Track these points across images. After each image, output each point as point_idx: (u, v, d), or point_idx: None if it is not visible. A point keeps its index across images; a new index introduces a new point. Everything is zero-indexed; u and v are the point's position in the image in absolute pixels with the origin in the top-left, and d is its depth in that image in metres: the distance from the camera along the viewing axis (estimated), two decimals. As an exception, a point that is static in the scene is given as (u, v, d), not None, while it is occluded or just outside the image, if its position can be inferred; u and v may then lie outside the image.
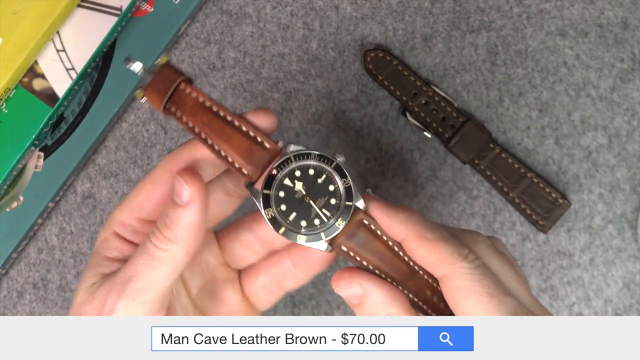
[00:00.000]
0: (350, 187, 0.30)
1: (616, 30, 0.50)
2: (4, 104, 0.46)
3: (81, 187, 0.49)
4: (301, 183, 0.30)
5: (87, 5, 0.47)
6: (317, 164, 0.30)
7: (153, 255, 0.29)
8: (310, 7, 0.51)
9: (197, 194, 0.28)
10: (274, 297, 0.35)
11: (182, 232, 0.28)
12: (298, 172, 0.30)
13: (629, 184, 0.49)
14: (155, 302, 0.29)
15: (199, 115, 0.30)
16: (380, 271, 0.31)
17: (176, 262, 0.29)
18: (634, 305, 0.48)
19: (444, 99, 0.49)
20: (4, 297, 0.49)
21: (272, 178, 0.30)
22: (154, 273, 0.28)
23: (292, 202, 0.30)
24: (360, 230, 0.30)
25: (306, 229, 0.30)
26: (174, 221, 0.28)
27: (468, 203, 0.49)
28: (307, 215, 0.30)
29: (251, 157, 0.30)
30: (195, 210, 0.28)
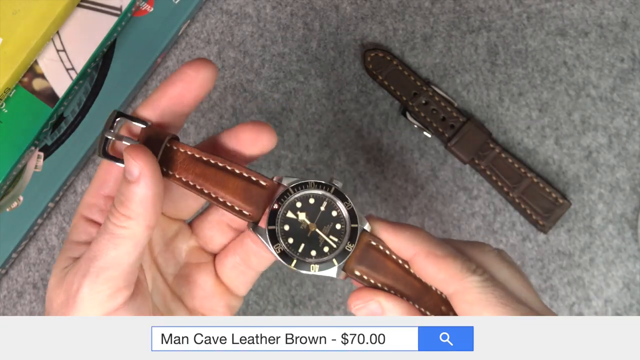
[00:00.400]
0: (352, 210, 0.30)
1: (616, 30, 0.50)
2: (4, 104, 0.46)
3: (81, 187, 0.49)
4: (304, 213, 0.30)
5: (87, 5, 0.47)
6: (317, 192, 0.30)
7: (113, 233, 0.29)
8: (310, 7, 0.50)
9: (146, 168, 0.28)
10: (247, 278, 0.35)
11: (138, 208, 0.29)
12: (299, 203, 0.30)
13: (629, 184, 0.49)
14: (119, 279, 0.29)
15: (191, 169, 0.30)
16: (395, 291, 0.31)
17: (137, 237, 0.29)
18: (634, 305, 0.48)
19: (444, 99, 0.49)
20: (4, 297, 0.49)
21: (275, 213, 0.30)
22: (116, 250, 0.29)
23: (299, 234, 0.30)
24: (369, 252, 0.31)
25: (317, 257, 0.30)
26: (129, 198, 0.29)
27: (468, 203, 0.49)
28: (315, 245, 0.30)
29: (249, 197, 0.30)
30: (147, 184, 0.28)
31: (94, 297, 0.29)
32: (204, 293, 0.35)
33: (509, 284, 0.30)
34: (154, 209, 0.29)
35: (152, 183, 0.29)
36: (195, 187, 0.30)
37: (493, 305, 0.28)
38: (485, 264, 0.31)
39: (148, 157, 0.29)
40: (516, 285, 0.30)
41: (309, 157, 0.49)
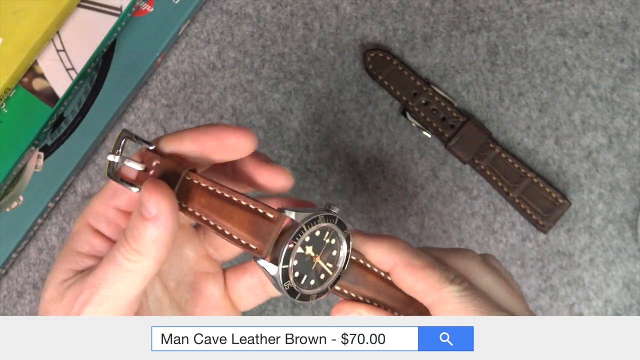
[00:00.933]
0: (349, 236, 0.30)
1: (616, 30, 0.50)
2: (4, 104, 0.46)
3: (81, 187, 0.49)
4: (311, 247, 0.30)
5: (87, 5, 0.47)
6: (325, 225, 0.30)
7: (122, 265, 0.28)
8: (310, 7, 0.50)
9: (165, 209, 0.27)
10: (258, 299, 0.35)
11: (151, 246, 0.28)
12: (308, 237, 0.29)
13: (629, 184, 0.49)
14: (123, 309, 0.29)
15: (196, 199, 0.29)
16: (378, 303, 0.31)
17: (145, 271, 0.28)
18: (634, 305, 0.48)
19: (444, 99, 0.49)
20: (4, 297, 0.49)
21: (289, 252, 0.29)
22: (123, 283, 0.28)
23: (304, 267, 0.30)
24: (350, 267, 0.31)
25: (314, 287, 0.30)
26: (142, 234, 0.28)
27: (468, 203, 0.49)
28: (313, 273, 0.30)
29: (257, 231, 0.29)
30: (164, 224, 0.27)
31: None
32: (208, 304, 0.34)
33: (492, 291, 0.30)
34: (166, 247, 0.28)
35: (169, 224, 0.28)
36: (202, 218, 0.29)
37: (472, 314, 0.28)
38: (468, 271, 0.30)
39: (167, 196, 0.27)
40: (499, 293, 0.30)
41: (309, 157, 0.49)
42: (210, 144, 0.29)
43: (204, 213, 0.29)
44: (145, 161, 0.29)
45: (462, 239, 0.49)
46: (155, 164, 0.29)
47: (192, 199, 0.29)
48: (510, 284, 0.31)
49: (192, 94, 0.50)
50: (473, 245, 0.49)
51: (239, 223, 0.29)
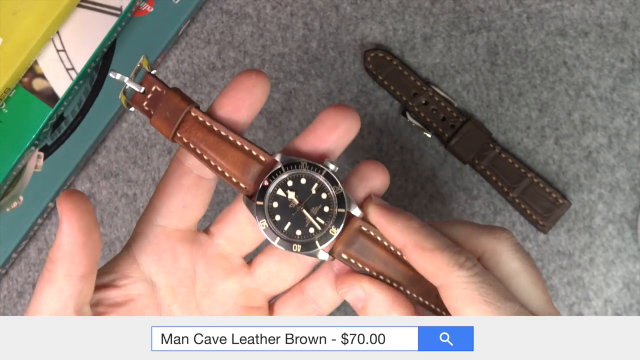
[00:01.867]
0: (342, 194, 0.30)
1: (616, 30, 0.50)
2: (4, 104, 0.46)
3: (81, 187, 0.49)
4: (294, 192, 0.30)
5: (87, 5, 0.47)
6: (308, 173, 0.30)
7: (42, 275, 0.28)
8: (310, 7, 0.51)
9: (70, 217, 0.27)
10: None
11: (57, 254, 0.28)
12: (290, 182, 0.30)
13: (629, 184, 0.49)
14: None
15: (193, 132, 0.30)
16: (384, 277, 0.31)
17: (59, 284, 0.28)
18: (634, 305, 0.48)
19: (444, 99, 0.49)
20: (4, 297, 0.49)
21: (264, 189, 0.30)
22: (42, 295, 0.28)
23: (286, 212, 0.30)
24: (359, 237, 0.30)
25: (301, 238, 0.30)
26: (55, 242, 0.28)
27: (468, 203, 0.49)
28: (302, 225, 0.30)
29: (247, 170, 0.30)
30: (66, 232, 0.27)
31: None
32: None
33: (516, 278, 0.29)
34: (72, 257, 0.28)
35: (72, 233, 0.27)
36: (196, 150, 0.30)
37: (477, 302, 0.28)
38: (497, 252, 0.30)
39: (75, 205, 0.27)
40: (523, 280, 0.30)
41: (309, 157, 0.49)
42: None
43: (199, 147, 0.30)
44: (145, 84, 0.30)
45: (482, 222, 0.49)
46: (154, 88, 0.30)
47: (189, 132, 0.30)
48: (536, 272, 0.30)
49: (192, 94, 0.50)
50: (473, 245, 0.49)
51: (232, 162, 0.30)
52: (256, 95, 0.30)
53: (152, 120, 0.30)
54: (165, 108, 0.30)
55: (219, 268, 0.33)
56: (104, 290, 0.31)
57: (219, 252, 0.33)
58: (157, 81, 0.30)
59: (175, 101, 0.30)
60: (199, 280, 0.32)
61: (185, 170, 0.31)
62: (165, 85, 0.30)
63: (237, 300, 0.33)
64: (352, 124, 0.31)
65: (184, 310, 0.32)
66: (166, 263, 0.32)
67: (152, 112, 0.30)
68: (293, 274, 0.33)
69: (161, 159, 0.50)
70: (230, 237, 0.33)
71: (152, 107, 0.30)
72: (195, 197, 0.32)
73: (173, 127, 0.30)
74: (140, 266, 0.32)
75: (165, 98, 0.30)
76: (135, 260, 0.32)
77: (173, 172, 0.32)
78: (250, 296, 0.33)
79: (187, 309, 0.32)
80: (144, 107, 0.30)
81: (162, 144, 0.50)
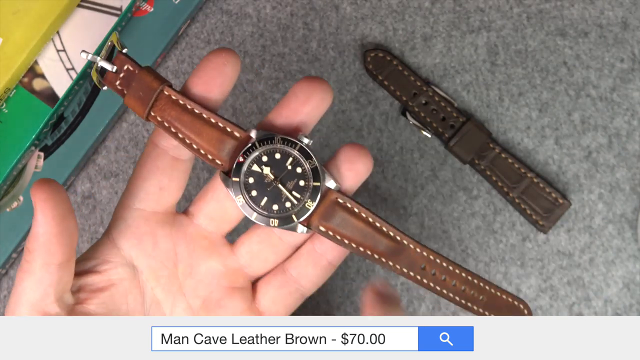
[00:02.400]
0: (316, 168, 0.30)
1: (616, 30, 0.50)
2: (4, 104, 0.46)
3: (81, 187, 0.49)
4: (269, 168, 0.30)
5: (87, 5, 0.47)
6: (282, 147, 0.30)
7: (21, 266, 0.28)
8: (310, 7, 0.51)
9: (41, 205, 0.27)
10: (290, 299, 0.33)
11: (33, 243, 0.28)
12: (265, 157, 0.30)
13: (629, 184, 0.49)
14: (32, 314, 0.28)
15: (167, 110, 0.30)
16: (364, 248, 0.31)
17: (36, 274, 0.28)
18: (634, 305, 0.48)
19: (444, 99, 0.49)
20: (4, 297, 0.49)
21: (240, 165, 0.30)
22: (21, 285, 0.28)
23: (262, 188, 0.30)
24: (336, 209, 0.31)
25: (278, 213, 0.31)
26: (31, 232, 0.28)
27: (468, 203, 0.49)
28: (278, 200, 0.31)
29: (222, 147, 0.30)
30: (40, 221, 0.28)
31: None
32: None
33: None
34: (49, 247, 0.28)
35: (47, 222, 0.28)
36: (170, 129, 0.30)
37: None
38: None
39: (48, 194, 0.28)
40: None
41: (309, 157, 0.49)
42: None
43: (174, 125, 0.30)
44: (117, 63, 0.30)
45: (461, 239, 0.49)
46: (126, 67, 0.30)
47: (162, 110, 0.30)
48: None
49: (192, 94, 0.50)
50: (473, 245, 0.49)
51: (208, 139, 0.30)
52: (227, 73, 0.30)
53: (126, 100, 0.30)
54: (138, 87, 0.30)
55: (200, 248, 0.33)
56: (85, 277, 0.31)
57: (199, 232, 0.33)
58: (129, 60, 0.30)
59: (148, 80, 0.30)
60: (181, 262, 0.32)
61: (160, 152, 0.31)
62: (137, 64, 0.30)
63: (220, 281, 0.33)
64: (324, 94, 0.31)
65: (167, 293, 0.32)
66: (146, 246, 0.32)
67: (125, 92, 0.30)
68: (274, 254, 0.33)
69: (161, 159, 0.50)
70: (210, 216, 0.33)
71: (124, 87, 0.30)
72: (172, 179, 0.32)
73: (147, 106, 0.30)
74: (120, 250, 0.32)
75: (137, 77, 0.30)
76: (115, 244, 0.32)
77: (148, 155, 0.32)
78: (233, 276, 0.33)
79: (170, 291, 0.32)
80: (116, 86, 0.30)
81: (162, 144, 0.50)
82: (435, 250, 0.48)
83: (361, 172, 0.31)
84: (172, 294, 0.32)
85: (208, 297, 0.33)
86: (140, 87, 0.30)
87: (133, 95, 0.30)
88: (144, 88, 0.30)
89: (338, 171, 0.31)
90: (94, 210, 0.49)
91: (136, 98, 0.30)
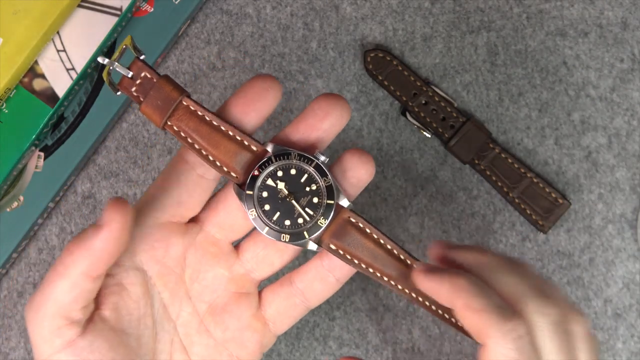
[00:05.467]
0: (331, 186, 0.30)
1: (616, 30, 0.50)
2: (4, 104, 0.46)
3: (81, 187, 0.49)
4: (284, 183, 0.30)
5: (87, 5, 0.47)
6: (298, 163, 0.30)
7: (54, 267, 0.28)
8: (310, 7, 0.51)
9: (115, 222, 0.27)
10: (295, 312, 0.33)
11: (83, 252, 0.28)
12: (280, 172, 0.30)
13: (629, 184, 0.49)
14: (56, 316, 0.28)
15: (185, 121, 0.30)
16: (374, 269, 0.31)
17: (72, 279, 0.28)
18: (633, 305, 0.48)
19: (444, 99, 0.49)
20: (4, 297, 0.49)
21: (254, 179, 0.30)
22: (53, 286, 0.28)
23: (276, 202, 0.30)
24: (347, 228, 0.31)
25: (290, 228, 0.31)
26: (83, 239, 0.28)
27: (468, 203, 0.49)
28: (291, 215, 0.31)
29: (238, 160, 0.30)
30: (104, 237, 0.28)
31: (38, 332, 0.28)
32: (238, 324, 0.33)
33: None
34: (97, 261, 0.28)
35: (108, 241, 0.28)
36: (187, 139, 0.30)
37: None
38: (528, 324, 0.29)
39: (122, 217, 0.28)
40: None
41: (309, 157, 0.49)
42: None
43: (191, 136, 0.30)
44: (134, 69, 0.30)
45: (462, 239, 0.49)
46: (143, 75, 0.30)
47: (180, 120, 0.30)
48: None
49: (192, 94, 0.50)
50: (473, 245, 0.49)
51: (224, 152, 0.30)
52: (267, 100, 0.30)
53: (142, 107, 0.30)
54: (157, 96, 0.30)
55: (209, 255, 0.33)
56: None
57: (208, 240, 0.33)
58: (147, 67, 0.30)
59: (167, 90, 0.30)
60: (189, 267, 0.32)
61: (187, 168, 0.31)
62: (155, 72, 0.30)
63: (226, 286, 0.33)
64: (343, 111, 0.31)
65: (174, 297, 0.32)
66: (157, 253, 0.32)
67: (141, 98, 0.30)
68: (280, 258, 0.33)
69: (161, 159, 0.50)
70: (220, 224, 0.33)
71: (141, 93, 0.30)
72: (192, 195, 0.32)
73: (164, 116, 0.30)
74: (131, 255, 0.32)
75: (156, 86, 0.30)
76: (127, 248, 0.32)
77: (174, 167, 0.32)
78: (239, 282, 0.33)
79: (177, 296, 0.32)
80: (132, 92, 0.30)
81: (162, 144, 0.50)
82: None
83: (363, 179, 0.31)
84: (178, 299, 0.32)
85: (214, 302, 0.33)
86: (158, 96, 0.30)
87: (151, 104, 0.30)
88: (162, 97, 0.30)
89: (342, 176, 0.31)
90: (94, 210, 0.49)
91: (154, 107, 0.30)
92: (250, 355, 0.33)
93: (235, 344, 0.33)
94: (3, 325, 0.48)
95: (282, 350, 0.48)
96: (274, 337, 0.34)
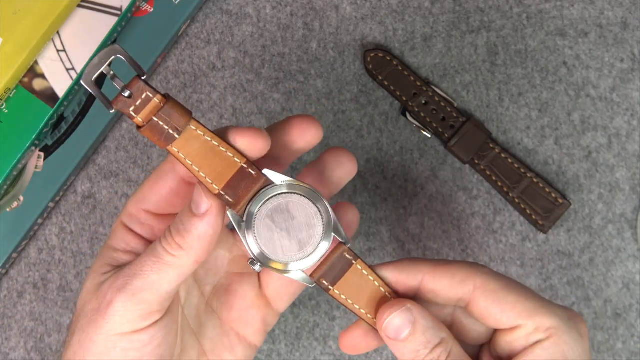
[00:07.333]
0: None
1: (616, 30, 0.50)
2: (4, 104, 0.46)
3: (81, 187, 0.49)
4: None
5: (87, 5, 0.47)
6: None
7: (161, 258, 0.29)
8: (310, 7, 0.51)
9: (215, 207, 0.28)
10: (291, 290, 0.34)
11: (194, 242, 0.28)
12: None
13: (629, 184, 0.49)
14: (154, 303, 0.29)
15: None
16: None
17: (183, 268, 0.29)
18: (633, 305, 0.48)
19: (444, 99, 0.49)
20: (4, 297, 0.49)
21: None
22: (159, 275, 0.28)
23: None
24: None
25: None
26: (188, 229, 0.28)
27: (468, 203, 0.49)
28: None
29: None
30: (211, 222, 0.28)
31: (125, 314, 0.28)
32: (244, 304, 0.34)
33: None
34: (209, 246, 0.29)
35: (216, 223, 0.28)
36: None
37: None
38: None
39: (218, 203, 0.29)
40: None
41: (309, 157, 0.49)
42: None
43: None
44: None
45: (462, 239, 0.49)
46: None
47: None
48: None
49: (192, 94, 0.50)
50: (473, 245, 0.49)
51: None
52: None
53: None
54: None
55: None
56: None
57: None
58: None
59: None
60: None
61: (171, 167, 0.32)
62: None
63: (229, 267, 0.34)
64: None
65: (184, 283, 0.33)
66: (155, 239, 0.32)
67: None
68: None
69: (161, 159, 0.50)
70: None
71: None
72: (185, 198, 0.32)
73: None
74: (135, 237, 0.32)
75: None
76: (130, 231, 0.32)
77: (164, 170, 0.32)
78: (240, 262, 0.34)
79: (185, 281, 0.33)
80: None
81: (162, 144, 0.50)
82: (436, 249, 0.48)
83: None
84: (185, 283, 0.33)
85: (218, 283, 0.34)
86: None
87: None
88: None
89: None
90: (94, 210, 0.49)
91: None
92: (256, 333, 0.34)
93: (241, 323, 0.34)
94: (3, 325, 0.48)
95: (282, 350, 0.48)
96: (277, 315, 0.35)
